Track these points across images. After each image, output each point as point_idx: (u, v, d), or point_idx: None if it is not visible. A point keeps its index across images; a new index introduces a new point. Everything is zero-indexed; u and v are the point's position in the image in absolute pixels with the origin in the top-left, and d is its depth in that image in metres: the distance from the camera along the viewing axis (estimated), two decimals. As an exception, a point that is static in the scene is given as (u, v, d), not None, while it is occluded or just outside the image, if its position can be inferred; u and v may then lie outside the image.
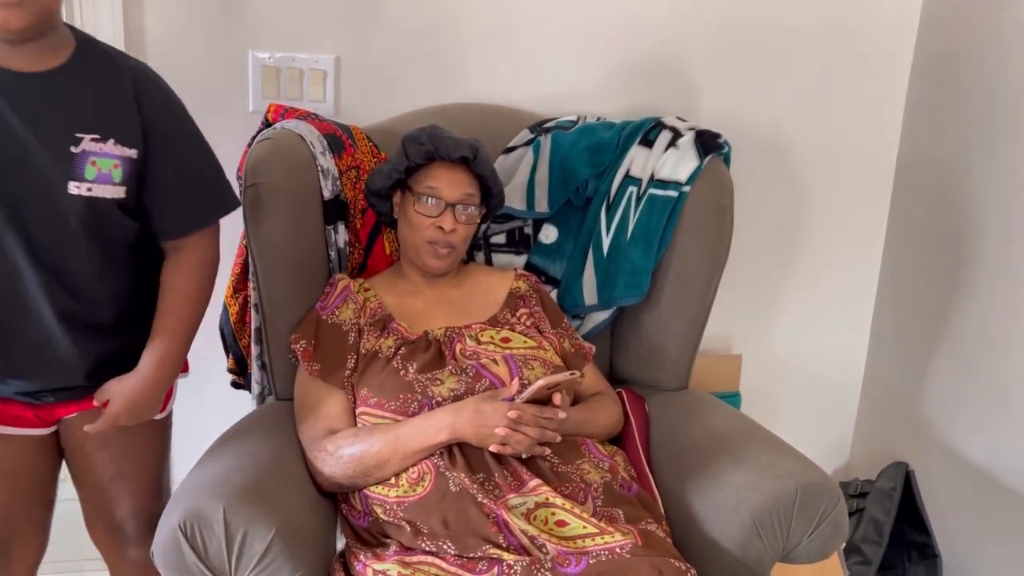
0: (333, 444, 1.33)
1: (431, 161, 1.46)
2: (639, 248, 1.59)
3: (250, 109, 1.75)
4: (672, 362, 1.67)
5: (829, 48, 1.93)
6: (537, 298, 1.56)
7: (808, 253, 2.07)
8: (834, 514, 1.29)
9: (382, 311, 1.46)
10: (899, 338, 2.05)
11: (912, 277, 2.00)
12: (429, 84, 1.79)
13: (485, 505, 1.22)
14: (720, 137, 1.60)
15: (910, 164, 2.00)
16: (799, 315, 2.11)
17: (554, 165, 1.66)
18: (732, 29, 1.88)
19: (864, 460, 2.16)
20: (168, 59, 1.70)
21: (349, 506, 1.35)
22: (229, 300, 1.66)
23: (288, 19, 1.72)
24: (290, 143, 1.49)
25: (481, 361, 1.39)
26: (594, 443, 1.42)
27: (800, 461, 1.36)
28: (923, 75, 1.95)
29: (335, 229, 1.55)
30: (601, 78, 1.86)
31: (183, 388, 1.89)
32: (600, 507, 1.28)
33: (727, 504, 1.33)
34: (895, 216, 2.05)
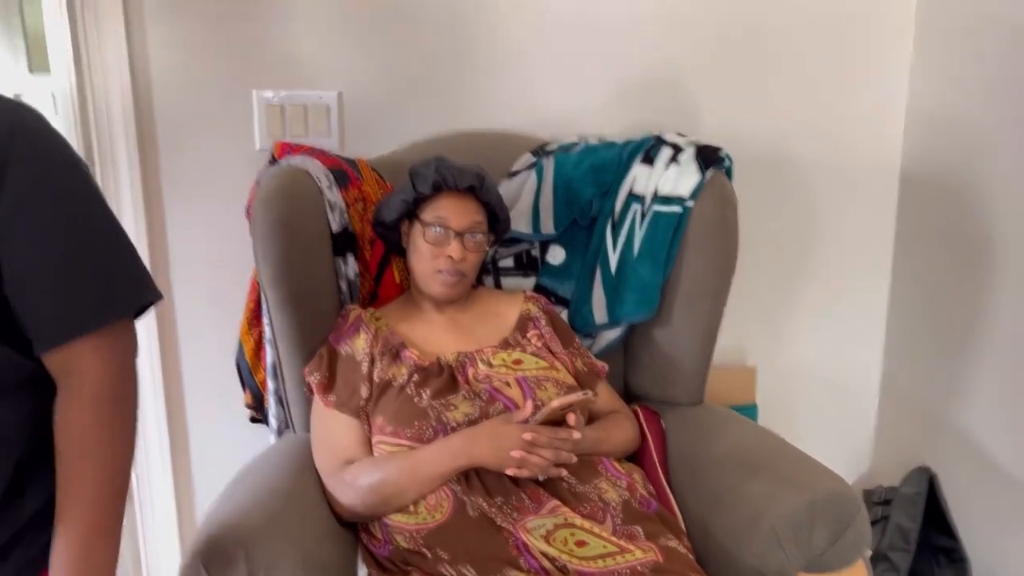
0: (351, 474, 1.34)
1: (438, 191, 1.48)
2: (647, 264, 1.60)
3: (256, 147, 1.78)
4: (686, 377, 1.67)
5: (826, 56, 1.94)
6: (547, 319, 1.57)
7: (817, 261, 2.07)
8: (855, 522, 1.28)
9: (394, 339, 1.48)
10: (914, 341, 2.04)
11: (924, 279, 2.00)
12: (431, 115, 1.82)
13: (504, 528, 1.23)
14: (720, 151, 1.61)
15: (915, 167, 2.00)
16: (812, 323, 2.11)
17: (558, 187, 1.68)
18: (728, 43, 1.90)
19: (886, 467, 2.14)
20: (174, 100, 1.74)
21: (369, 535, 1.36)
22: (244, 336, 1.68)
23: (290, 58, 1.76)
24: (296, 179, 1.52)
25: (494, 384, 1.40)
26: (611, 461, 1.42)
27: (818, 470, 1.36)
28: (923, 77, 1.95)
29: (344, 261, 1.57)
30: (600, 99, 1.88)
31: (206, 420, 1.92)
32: (620, 525, 1.28)
33: (747, 517, 1.32)
34: (903, 219, 2.05)
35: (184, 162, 1.77)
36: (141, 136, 1.74)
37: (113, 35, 1.67)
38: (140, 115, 1.73)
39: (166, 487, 1.90)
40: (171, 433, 1.88)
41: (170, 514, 1.92)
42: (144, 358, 1.83)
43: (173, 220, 1.79)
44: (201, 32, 1.71)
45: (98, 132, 1.71)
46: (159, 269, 1.80)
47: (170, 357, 1.85)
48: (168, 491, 1.90)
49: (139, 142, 1.73)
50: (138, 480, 1.89)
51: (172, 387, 1.87)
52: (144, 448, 1.87)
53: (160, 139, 1.75)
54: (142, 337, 1.79)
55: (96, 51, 1.68)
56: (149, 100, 1.73)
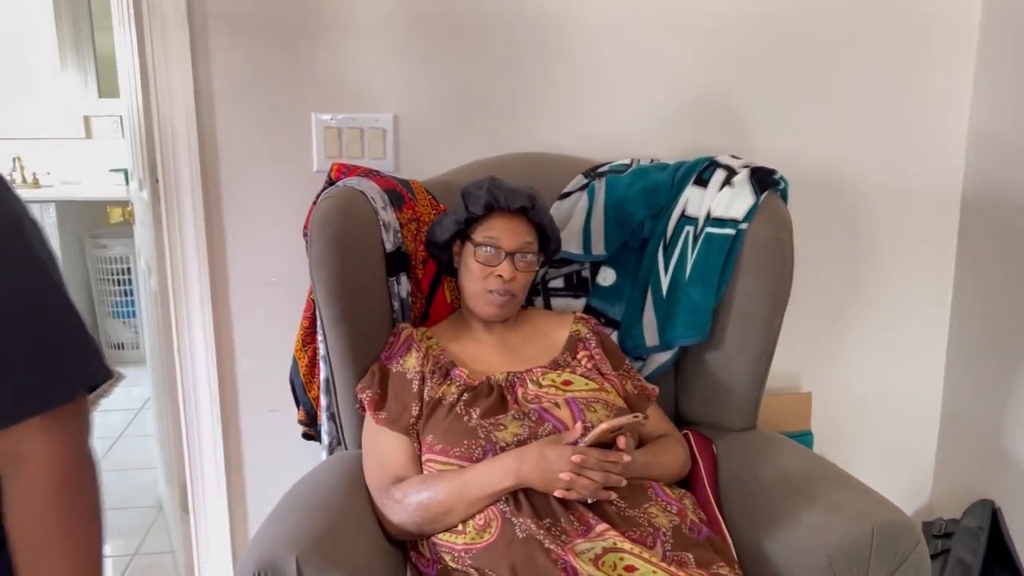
0: (400, 492, 1.35)
1: (490, 212, 1.49)
2: (699, 287, 1.59)
3: (314, 168, 1.82)
4: (738, 402, 1.65)
5: (884, 76, 1.91)
6: (597, 340, 1.56)
7: (875, 286, 2.03)
8: (914, 555, 1.25)
9: (444, 358, 1.49)
10: (976, 369, 1.98)
11: (986, 305, 1.94)
12: (484, 137, 1.84)
13: (552, 551, 1.22)
14: (776, 173, 1.60)
15: (977, 190, 1.95)
16: (870, 350, 2.06)
17: (609, 208, 1.68)
18: (783, 65, 1.88)
19: (947, 499, 2.08)
20: (236, 123, 1.79)
21: (418, 554, 1.37)
22: (299, 353, 1.71)
23: (348, 82, 1.79)
24: (352, 199, 1.54)
25: (543, 405, 1.40)
26: (661, 486, 1.41)
27: (876, 500, 1.32)
28: (985, 98, 1.91)
29: (397, 280, 1.59)
30: (653, 121, 1.88)
31: (260, 436, 1.95)
32: (669, 551, 1.26)
33: (801, 546, 1.29)
34: (964, 243, 2.00)
35: (244, 182, 1.81)
36: (204, 157, 1.79)
37: (179, 60, 1.73)
38: (203, 137, 1.78)
39: (220, 502, 1.93)
40: (226, 448, 1.92)
41: (223, 528, 1.95)
42: (201, 373, 1.87)
43: (232, 238, 1.83)
44: (262, 57, 1.76)
45: (163, 152, 1.77)
46: (219, 286, 1.85)
47: (226, 373, 1.89)
48: (222, 505, 1.94)
49: (202, 162, 1.78)
50: (193, 494, 1.93)
51: (228, 402, 1.90)
52: (200, 463, 1.91)
53: (222, 160, 1.80)
54: (201, 353, 1.85)
55: (163, 75, 1.74)
56: (212, 122, 1.78)
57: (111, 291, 4.22)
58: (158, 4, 1.70)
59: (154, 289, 2.10)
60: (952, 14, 1.90)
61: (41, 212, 3.90)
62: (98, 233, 4.24)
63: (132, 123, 2.22)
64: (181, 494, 2.05)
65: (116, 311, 4.26)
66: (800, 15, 1.86)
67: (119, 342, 4.30)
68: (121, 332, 4.29)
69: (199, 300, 1.84)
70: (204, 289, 1.83)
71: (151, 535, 2.58)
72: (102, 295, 4.24)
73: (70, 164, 4.36)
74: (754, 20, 1.85)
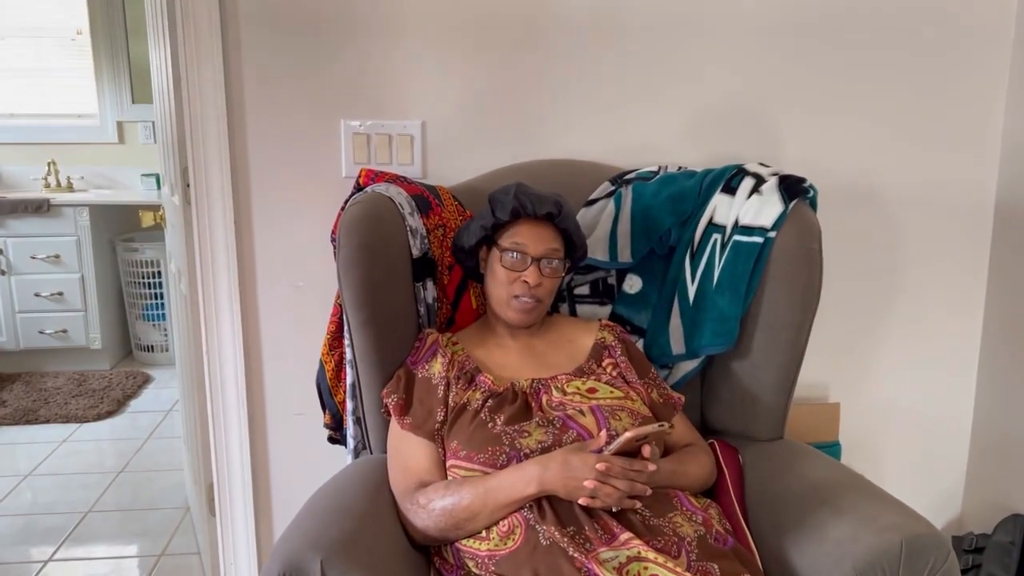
0: (425, 497, 1.35)
1: (517, 218, 1.50)
2: (726, 295, 1.58)
3: (343, 174, 1.83)
4: (766, 411, 1.63)
5: (916, 83, 1.89)
6: (623, 348, 1.56)
7: (906, 296, 2.00)
8: (944, 569, 1.22)
9: (470, 364, 1.49)
10: (1009, 382, 1.95)
11: (1019, 317, 1.91)
12: (511, 143, 1.84)
13: (576, 559, 1.21)
14: (805, 181, 1.58)
15: (1011, 199, 1.92)
16: (900, 360, 2.03)
17: (636, 215, 1.68)
18: (812, 71, 1.87)
19: (978, 513, 2.04)
20: (266, 128, 1.81)
21: (442, 559, 1.37)
22: (325, 357, 1.72)
23: (377, 89, 1.81)
24: (380, 205, 1.55)
25: (568, 412, 1.40)
26: (686, 496, 1.40)
27: (905, 513, 1.30)
28: (1020, 107, 1.88)
29: (423, 286, 1.59)
30: (681, 128, 1.87)
31: (286, 439, 1.97)
32: (694, 561, 1.25)
33: (828, 558, 1.28)
34: (998, 253, 1.97)
35: (274, 187, 1.83)
36: (234, 162, 1.81)
37: (211, 66, 1.75)
38: (234, 142, 1.80)
39: (246, 504, 1.95)
40: (252, 451, 1.93)
41: (249, 530, 1.97)
42: (229, 376, 1.89)
43: (261, 242, 1.85)
44: (293, 64, 1.78)
45: (194, 156, 1.79)
46: (247, 290, 1.86)
47: (254, 376, 1.91)
48: (248, 507, 1.95)
49: (232, 168, 1.81)
50: (219, 496, 1.95)
51: (255, 405, 1.92)
52: (226, 465, 1.93)
53: (252, 165, 1.82)
54: (229, 357, 1.87)
55: (195, 82, 1.76)
56: (243, 128, 1.80)
57: (141, 294, 4.28)
58: (191, 11, 1.73)
59: (184, 292, 2.12)
60: (986, 22, 1.88)
61: (75, 215, 3.97)
62: (130, 237, 4.30)
63: (164, 129, 2.25)
64: (208, 496, 2.07)
65: (146, 314, 4.31)
66: (830, 22, 1.85)
67: (149, 344, 4.36)
68: (151, 335, 4.35)
69: (228, 303, 1.86)
70: (233, 293, 1.85)
71: (178, 536, 2.61)
72: (132, 298, 4.30)
73: (103, 168, 4.44)
74: (783, 27, 1.84)
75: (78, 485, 2.99)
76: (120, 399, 3.81)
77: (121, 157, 4.46)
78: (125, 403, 3.81)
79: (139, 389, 3.98)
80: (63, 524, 2.70)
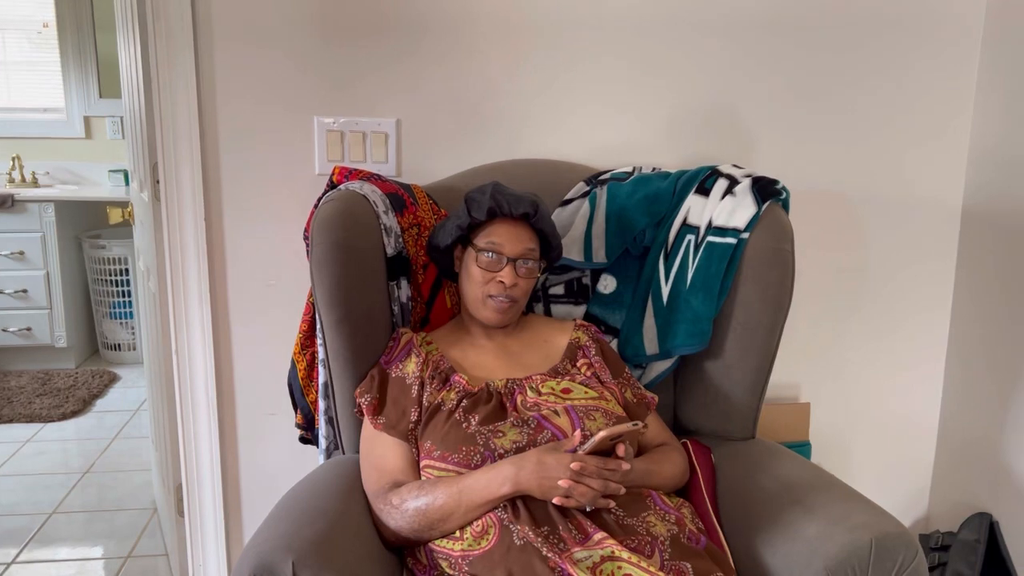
0: (398, 497, 1.34)
1: (493, 218, 1.49)
2: (699, 296, 1.59)
3: (316, 171, 1.82)
4: (738, 411, 1.65)
5: (886, 88, 1.92)
6: (597, 348, 1.56)
7: (875, 297, 2.03)
8: (912, 567, 1.24)
9: (444, 364, 1.48)
10: (975, 382, 1.98)
11: (986, 319, 1.94)
12: (486, 142, 1.84)
13: (550, 559, 1.21)
14: (778, 183, 1.59)
15: (978, 202, 1.96)
16: (868, 361, 2.06)
17: (611, 216, 1.68)
18: (785, 75, 1.89)
19: (944, 511, 2.08)
20: (238, 125, 1.78)
21: (415, 560, 1.36)
22: (297, 356, 1.70)
23: (351, 85, 1.80)
24: (354, 203, 1.54)
25: (542, 413, 1.40)
26: (660, 495, 1.40)
27: (875, 512, 1.32)
28: (987, 110, 1.91)
29: (398, 284, 1.58)
30: (655, 129, 1.88)
31: (256, 439, 1.95)
32: (667, 560, 1.26)
33: (799, 556, 1.29)
34: (964, 257, 2.00)
35: (245, 184, 1.81)
36: (205, 158, 1.79)
37: (182, 62, 1.73)
38: (205, 138, 1.78)
39: (216, 505, 1.93)
40: (222, 451, 1.91)
41: (219, 531, 1.94)
42: (199, 375, 1.87)
43: (232, 239, 1.83)
44: (266, 59, 1.76)
45: (164, 152, 1.77)
46: (217, 288, 1.84)
47: (224, 375, 1.88)
48: (218, 508, 1.93)
49: (203, 164, 1.78)
50: (188, 497, 1.92)
51: (225, 405, 1.90)
52: (195, 465, 1.90)
53: (223, 162, 1.80)
54: (199, 355, 1.85)
55: (166, 77, 1.74)
56: (214, 124, 1.78)
57: (109, 292, 4.21)
58: (162, 6, 1.70)
59: (153, 290, 2.09)
60: (955, 26, 1.91)
61: (40, 212, 3.90)
62: (97, 233, 4.23)
63: (133, 124, 2.22)
64: (176, 497, 2.05)
65: (113, 312, 4.25)
66: (803, 25, 1.87)
67: (116, 343, 4.29)
68: (118, 333, 4.28)
69: (198, 301, 1.83)
70: (203, 291, 1.83)
71: (145, 537, 2.57)
72: (99, 296, 4.24)
73: (70, 164, 4.36)
74: (756, 29, 1.86)
75: (42, 486, 2.93)
76: (86, 398, 3.75)
77: (88, 152, 4.39)
78: (91, 402, 3.75)
79: (105, 388, 3.92)
80: (27, 526, 2.65)
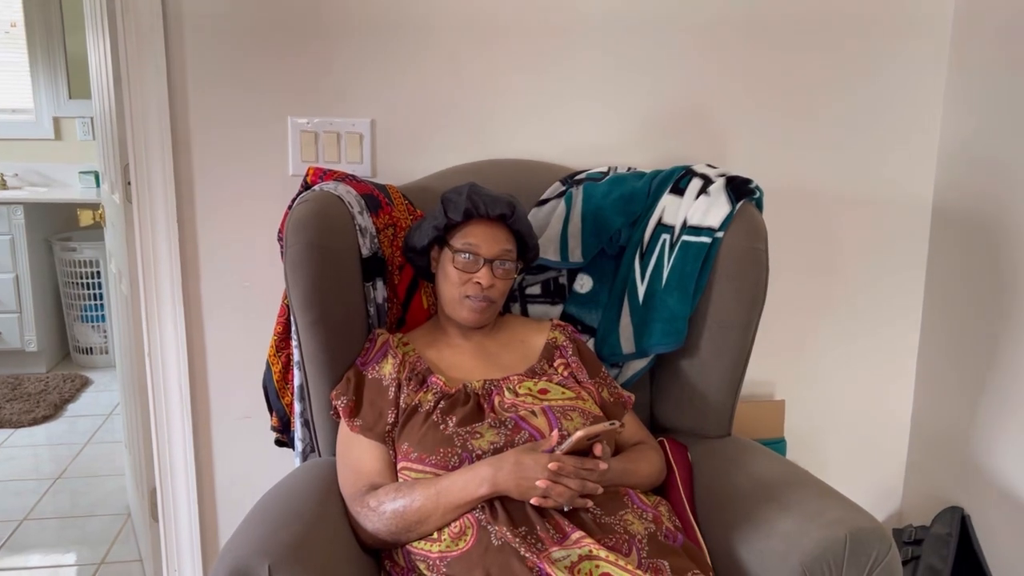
0: (375, 499, 1.34)
1: (470, 218, 1.49)
2: (675, 295, 1.59)
3: (290, 172, 1.81)
4: (714, 409, 1.66)
5: (858, 88, 1.94)
6: (574, 348, 1.56)
7: (848, 294, 2.05)
8: (886, 561, 1.26)
9: (421, 365, 1.48)
10: (946, 378, 2.01)
11: (956, 315, 1.97)
12: (462, 142, 1.84)
13: (528, 559, 1.21)
14: (751, 182, 1.61)
15: (948, 200, 1.98)
16: (842, 358, 2.08)
17: (587, 216, 1.68)
18: (758, 75, 1.90)
19: (917, 506, 2.10)
20: (211, 126, 1.77)
21: (393, 562, 1.35)
22: (272, 359, 1.69)
23: (325, 86, 1.79)
24: (329, 204, 1.53)
25: (520, 413, 1.40)
26: (637, 493, 1.41)
27: (849, 507, 1.33)
28: (956, 110, 1.94)
29: (373, 285, 1.58)
30: (630, 129, 1.89)
31: (232, 442, 1.93)
32: (645, 558, 1.26)
33: (775, 552, 1.30)
34: (935, 254, 2.03)
35: (219, 185, 1.79)
36: (177, 160, 1.77)
37: (153, 62, 1.71)
38: (177, 139, 1.76)
39: (190, 509, 1.91)
40: (197, 455, 1.89)
41: (194, 536, 1.92)
42: (172, 378, 1.85)
43: (206, 241, 1.81)
44: (239, 59, 1.75)
45: (135, 154, 1.75)
46: (191, 290, 1.82)
47: (198, 378, 1.87)
48: (192, 512, 1.91)
49: (175, 165, 1.77)
50: (163, 501, 1.90)
51: (199, 408, 1.88)
52: (170, 469, 1.89)
53: (196, 162, 1.78)
54: (172, 358, 1.83)
55: (136, 77, 1.72)
56: (186, 125, 1.76)
57: (80, 295, 4.16)
58: (132, 5, 1.68)
59: (125, 293, 2.07)
60: (924, 26, 1.93)
61: (8, 214, 3.84)
62: (67, 236, 4.18)
63: (104, 125, 2.19)
64: (151, 501, 2.02)
65: (85, 315, 4.19)
66: (776, 26, 1.88)
67: (87, 346, 4.24)
68: (90, 336, 4.23)
69: (171, 304, 1.81)
70: (176, 293, 1.81)
71: (119, 543, 2.54)
72: (70, 299, 4.18)
73: (39, 165, 4.30)
74: (730, 30, 1.87)
75: (12, 492, 2.89)
76: (57, 403, 3.69)
77: (58, 154, 4.32)
78: (62, 407, 3.70)
79: (77, 392, 3.87)
80: (-3, 533, 2.61)
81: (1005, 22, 1.79)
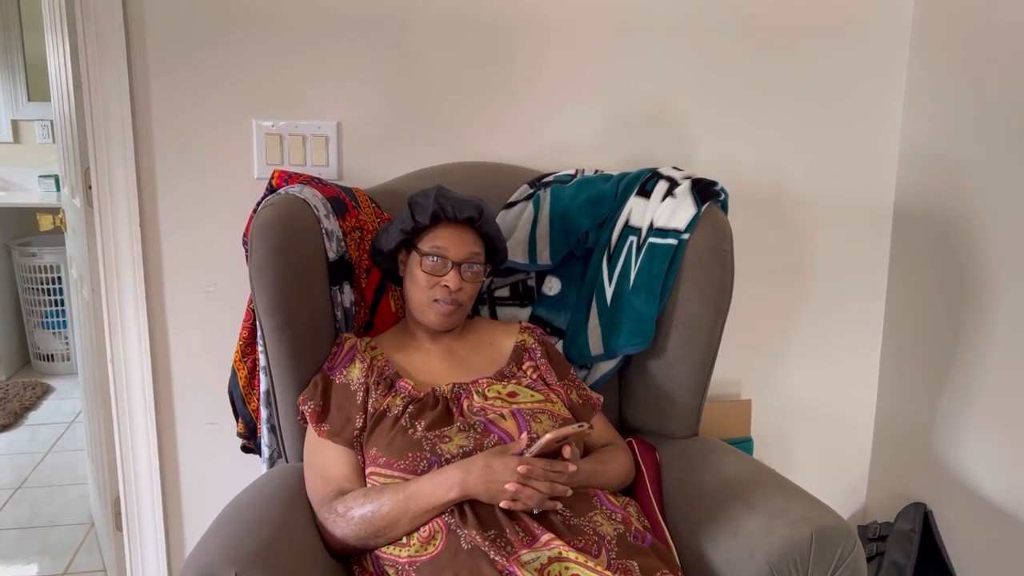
0: (343, 505, 1.33)
1: (437, 221, 1.48)
2: (642, 296, 1.60)
3: (255, 175, 1.79)
4: (681, 409, 1.67)
5: (821, 92, 1.97)
6: (543, 350, 1.56)
7: (813, 295, 2.08)
8: (851, 558, 1.27)
9: (389, 369, 1.47)
10: (908, 376, 2.04)
11: (918, 314, 2.00)
12: (429, 145, 1.83)
13: (498, 562, 1.21)
14: (716, 185, 1.62)
15: (909, 201, 2.02)
16: (807, 357, 2.11)
17: (555, 218, 1.69)
18: (723, 78, 1.92)
19: (881, 502, 2.13)
20: (174, 128, 1.75)
21: (361, 568, 1.34)
22: (238, 364, 1.67)
23: (290, 88, 1.77)
24: (294, 207, 1.52)
25: (489, 417, 1.40)
26: (606, 495, 1.41)
27: (815, 505, 1.35)
28: (916, 112, 1.98)
29: (340, 289, 1.57)
30: (597, 132, 1.90)
31: (197, 448, 1.91)
32: (614, 559, 1.27)
33: (742, 551, 1.31)
34: (897, 254, 2.07)
35: (182, 189, 1.77)
36: (139, 163, 1.74)
37: (114, 64, 1.68)
38: (139, 142, 1.74)
39: (155, 518, 1.88)
40: (161, 462, 1.86)
41: (159, 545, 1.90)
42: (136, 385, 1.82)
43: (169, 245, 1.79)
44: (202, 61, 1.73)
45: (96, 157, 1.72)
46: (154, 295, 1.80)
47: (162, 384, 1.84)
48: (157, 521, 1.88)
49: (137, 168, 1.74)
50: (127, 510, 1.87)
51: (164, 415, 1.85)
52: (134, 477, 1.86)
53: (158, 166, 1.76)
54: (135, 365, 1.80)
55: (97, 80, 1.69)
56: (148, 127, 1.74)
57: (40, 301, 4.08)
58: (92, 6, 1.65)
59: (87, 298, 2.03)
60: (883, 29, 1.97)
61: (-35, 219, 3.76)
62: (27, 241, 4.10)
63: (64, 128, 2.15)
64: (114, 510, 1.99)
65: (45, 321, 4.12)
66: (740, 29, 1.90)
67: (49, 353, 4.16)
68: (51, 343, 4.15)
69: (134, 309, 1.79)
70: (139, 298, 1.78)
71: (82, 553, 2.50)
72: (30, 305, 4.10)
73: (-3, 169, 4.22)
74: (695, 33, 1.89)
75: (-29, 503, 2.83)
76: (17, 411, 3.62)
77: (17, 157, 4.25)
78: (23, 415, 3.62)
79: (38, 400, 3.79)
80: (-45, 545, 2.55)
81: (963, 26, 1.83)
